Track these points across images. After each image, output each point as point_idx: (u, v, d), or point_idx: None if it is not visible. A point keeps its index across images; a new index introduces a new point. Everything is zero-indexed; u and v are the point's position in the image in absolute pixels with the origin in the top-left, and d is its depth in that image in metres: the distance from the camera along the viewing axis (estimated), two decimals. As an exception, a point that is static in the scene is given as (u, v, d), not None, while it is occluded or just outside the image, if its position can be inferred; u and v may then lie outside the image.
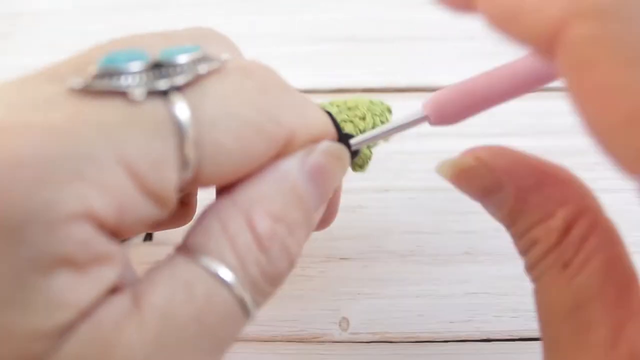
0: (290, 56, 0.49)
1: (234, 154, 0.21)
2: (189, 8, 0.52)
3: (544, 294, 0.23)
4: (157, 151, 0.20)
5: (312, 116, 0.25)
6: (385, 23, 0.50)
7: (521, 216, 0.24)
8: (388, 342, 0.37)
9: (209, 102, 0.21)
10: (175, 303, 0.20)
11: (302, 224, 0.23)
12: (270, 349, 0.37)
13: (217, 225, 0.22)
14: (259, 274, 0.22)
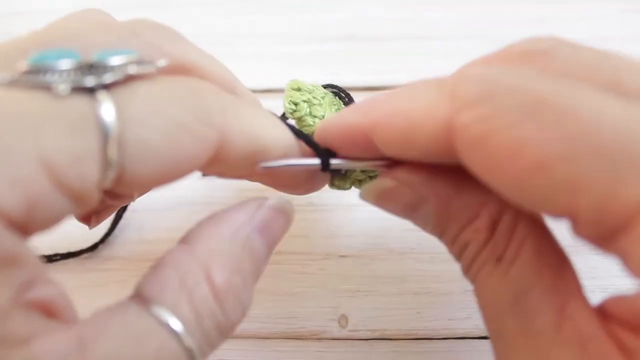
0: (291, 56, 0.49)
1: (160, 152, 0.21)
2: (189, 8, 0.52)
3: (483, 291, 0.23)
4: (77, 147, 0.19)
5: (253, 122, 0.25)
6: (385, 23, 0.50)
7: (449, 223, 0.24)
8: (387, 340, 0.37)
9: (136, 101, 0.20)
10: (124, 356, 0.19)
11: (253, 275, 0.24)
12: (270, 346, 0.37)
13: (175, 277, 0.22)
14: (213, 326, 0.22)
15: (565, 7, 0.50)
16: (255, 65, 0.48)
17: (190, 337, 0.21)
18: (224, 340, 0.23)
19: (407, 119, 0.22)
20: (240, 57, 0.49)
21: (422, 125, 0.22)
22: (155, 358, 0.20)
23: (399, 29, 0.50)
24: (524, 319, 0.21)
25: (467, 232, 0.24)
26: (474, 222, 0.24)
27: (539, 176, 0.19)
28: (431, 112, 0.22)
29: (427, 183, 0.25)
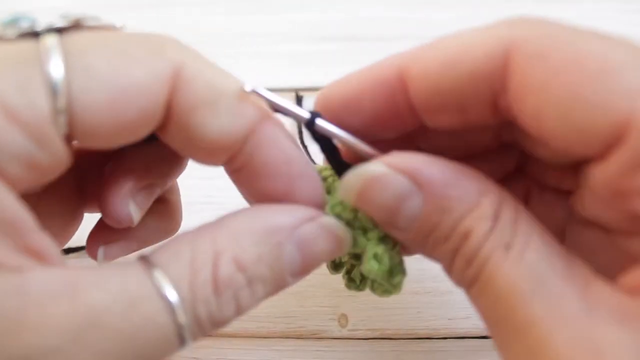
0: (291, 55, 0.49)
1: (108, 79, 0.20)
2: (189, 7, 0.52)
3: (494, 283, 0.21)
4: (22, 78, 0.19)
5: (211, 68, 0.24)
6: (385, 23, 0.50)
7: (444, 215, 0.22)
8: (387, 339, 0.37)
9: (82, 39, 0.21)
10: (112, 311, 0.19)
11: (267, 282, 0.23)
12: (269, 346, 0.37)
13: (188, 253, 0.22)
14: (205, 313, 0.21)
15: (565, 7, 0.50)
16: (255, 65, 0.48)
17: (184, 314, 0.21)
18: (214, 330, 0.22)
19: (459, 42, 0.22)
20: (240, 56, 0.49)
21: (478, 44, 0.22)
22: (143, 324, 0.20)
23: (399, 29, 0.50)
24: (551, 305, 0.20)
25: (468, 221, 0.22)
26: (476, 210, 0.22)
27: (603, 82, 0.19)
28: (488, 33, 0.22)
29: (423, 170, 0.23)
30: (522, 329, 0.20)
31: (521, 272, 0.20)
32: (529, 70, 0.21)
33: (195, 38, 0.50)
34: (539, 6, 0.50)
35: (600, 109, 0.19)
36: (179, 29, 0.50)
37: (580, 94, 0.19)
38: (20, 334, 0.18)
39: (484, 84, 0.22)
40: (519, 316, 0.20)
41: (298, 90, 0.47)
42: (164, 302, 0.20)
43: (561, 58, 0.20)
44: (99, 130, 0.21)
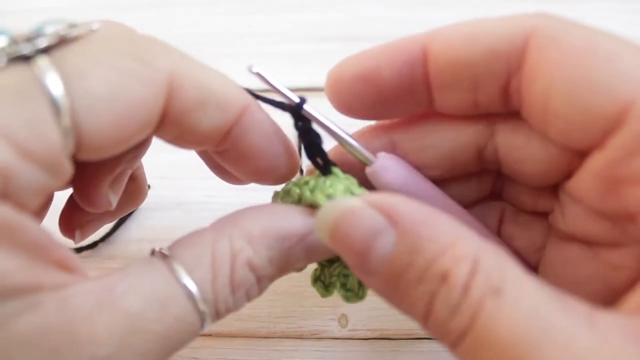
0: (291, 55, 0.49)
1: (109, 99, 0.21)
2: (189, 7, 0.52)
3: (495, 333, 0.19)
4: (29, 114, 0.19)
5: (202, 70, 0.25)
6: (385, 23, 0.50)
7: (418, 253, 0.20)
8: (387, 339, 0.37)
9: (75, 57, 0.21)
10: (148, 315, 0.21)
11: (274, 279, 0.25)
12: (269, 345, 0.37)
13: (208, 257, 0.23)
14: (223, 309, 0.24)
15: (565, 7, 0.50)
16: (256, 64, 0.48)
17: (208, 312, 0.23)
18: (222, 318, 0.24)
19: (484, 22, 0.25)
20: (240, 56, 0.49)
21: (501, 25, 0.24)
22: (177, 325, 0.22)
23: (399, 29, 0.50)
24: (563, 347, 0.18)
25: (444, 261, 0.20)
26: (450, 251, 0.20)
27: (610, 66, 0.21)
28: (511, 19, 0.24)
29: (397, 207, 0.21)
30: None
31: (523, 320, 0.18)
32: (544, 51, 0.22)
33: (195, 38, 0.50)
34: (539, 6, 0.50)
35: (606, 91, 0.21)
36: (179, 29, 0.50)
37: (588, 75, 0.21)
38: (74, 349, 0.20)
39: (501, 61, 0.24)
40: (536, 353, 0.18)
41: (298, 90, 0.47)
42: (192, 302, 0.22)
43: (574, 44, 0.22)
44: (103, 146, 0.22)
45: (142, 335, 0.21)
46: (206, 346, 0.36)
